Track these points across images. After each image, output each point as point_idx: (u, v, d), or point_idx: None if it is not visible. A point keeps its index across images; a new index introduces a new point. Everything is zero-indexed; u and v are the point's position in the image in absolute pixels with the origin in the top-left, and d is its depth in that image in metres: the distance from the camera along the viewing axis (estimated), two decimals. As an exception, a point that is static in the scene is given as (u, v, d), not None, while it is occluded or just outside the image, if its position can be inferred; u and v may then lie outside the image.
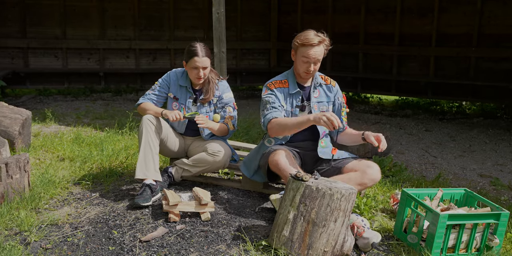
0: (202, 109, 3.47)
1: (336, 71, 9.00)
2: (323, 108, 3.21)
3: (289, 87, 3.17)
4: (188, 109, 3.47)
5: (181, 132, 3.57)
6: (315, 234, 2.46)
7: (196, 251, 2.58)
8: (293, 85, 3.17)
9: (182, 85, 3.47)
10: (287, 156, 2.97)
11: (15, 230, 2.79)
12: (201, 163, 3.36)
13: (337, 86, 3.31)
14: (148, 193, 3.12)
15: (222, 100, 3.47)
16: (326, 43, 3.07)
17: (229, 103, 3.49)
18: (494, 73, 7.57)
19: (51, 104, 7.77)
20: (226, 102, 3.48)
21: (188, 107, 3.47)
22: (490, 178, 4.61)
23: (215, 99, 3.48)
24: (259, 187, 3.43)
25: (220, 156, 3.31)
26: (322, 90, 3.24)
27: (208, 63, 3.34)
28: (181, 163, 3.47)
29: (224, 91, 3.50)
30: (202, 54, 3.29)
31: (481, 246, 2.69)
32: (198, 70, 3.31)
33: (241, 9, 9.54)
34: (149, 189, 3.14)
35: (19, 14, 8.54)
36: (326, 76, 3.31)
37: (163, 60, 9.42)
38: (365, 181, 2.95)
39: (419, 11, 8.16)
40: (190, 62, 3.32)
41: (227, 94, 3.50)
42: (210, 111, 3.49)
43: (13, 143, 4.23)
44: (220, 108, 3.48)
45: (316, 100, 3.20)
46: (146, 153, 3.23)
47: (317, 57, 3.04)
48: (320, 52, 3.05)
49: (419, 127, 6.86)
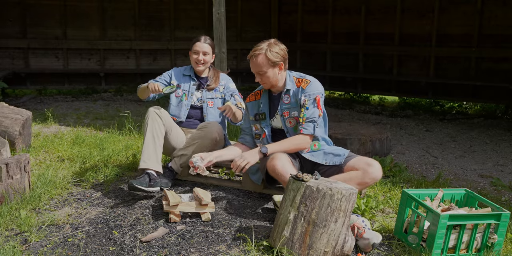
0: (208, 94, 3.68)
1: (336, 71, 8.99)
2: (294, 113, 3.12)
3: (260, 98, 3.26)
4: (191, 95, 3.67)
5: (182, 120, 3.68)
6: (315, 235, 2.46)
7: (196, 251, 2.57)
8: (264, 96, 3.25)
9: (185, 74, 3.73)
10: (285, 160, 2.95)
11: (16, 231, 2.79)
12: (194, 140, 3.41)
13: (309, 86, 3.07)
14: (146, 180, 3.17)
15: (229, 88, 3.74)
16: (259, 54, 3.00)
17: (235, 92, 3.73)
18: (494, 73, 7.56)
19: (51, 105, 7.77)
20: (233, 90, 3.74)
21: (192, 93, 3.68)
22: (490, 179, 4.61)
23: (221, 87, 3.73)
24: (259, 187, 3.43)
25: (209, 127, 3.39)
26: (292, 95, 3.12)
27: (209, 50, 3.63)
28: (176, 152, 3.50)
29: (229, 81, 3.79)
30: (204, 40, 3.63)
31: (481, 247, 2.69)
32: (198, 54, 3.59)
33: (242, 9, 9.54)
34: (147, 177, 3.18)
35: (19, 14, 8.55)
36: (303, 78, 3.13)
37: (164, 61, 9.43)
38: (366, 180, 2.92)
39: (419, 11, 8.16)
40: (194, 46, 3.62)
41: (231, 84, 3.79)
42: (215, 97, 3.71)
43: (13, 144, 4.23)
44: (229, 95, 3.71)
45: (286, 106, 3.14)
46: (149, 145, 3.30)
47: (257, 68, 3.04)
48: (258, 63, 3.01)
49: (419, 127, 6.85)
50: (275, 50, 3.01)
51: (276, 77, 3.08)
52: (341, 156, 3.08)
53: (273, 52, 3.00)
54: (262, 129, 3.23)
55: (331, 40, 9.06)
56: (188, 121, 3.68)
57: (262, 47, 3.02)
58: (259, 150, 3.02)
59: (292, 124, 3.15)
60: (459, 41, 7.80)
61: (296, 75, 3.18)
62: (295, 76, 3.17)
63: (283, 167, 2.89)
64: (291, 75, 3.17)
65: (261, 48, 3.01)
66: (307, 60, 9.46)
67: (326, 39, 9.11)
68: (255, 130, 3.27)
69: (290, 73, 3.18)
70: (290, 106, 3.13)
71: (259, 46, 3.03)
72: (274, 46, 3.02)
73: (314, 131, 3.06)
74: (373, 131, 5.01)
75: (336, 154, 3.11)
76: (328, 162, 3.09)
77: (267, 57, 3.00)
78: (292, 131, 3.15)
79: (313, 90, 3.07)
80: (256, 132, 3.27)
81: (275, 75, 3.07)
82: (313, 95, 3.06)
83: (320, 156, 3.13)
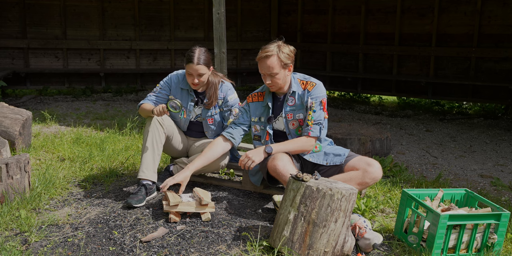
0: (207, 112, 3.49)
1: (336, 71, 8.99)
2: (299, 115, 3.13)
3: (263, 100, 3.21)
4: (189, 112, 3.48)
5: (183, 130, 3.59)
6: (315, 235, 2.46)
7: (196, 251, 2.57)
8: (268, 98, 3.20)
9: (183, 88, 3.47)
10: (286, 160, 2.95)
11: (16, 231, 2.79)
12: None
13: (315, 89, 3.09)
14: (143, 193, 3.13)
15: (228, 103, 3.49)
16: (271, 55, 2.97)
17: (234, 105, 3.51)
18: (494, 73, 7.56)
19: (51, 105, 7.77)
20: (231, 104, 3.50)
21: (190, 110, 3.47)
22: (490, 179, 4.61)
23: (220, 101, 3.49)
24: (259, 187, 3.43)
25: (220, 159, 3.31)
26: (297, 97, 3.13)
27: (204, 70, 3.29)
28: (181, 162, 3.48)
29: (228, 93, 3.49)
30: (197, 61, 3.24)
31: (481, 247, 2.69)
32: (192, 76, 3.29)
33: (241, 9, 9.53)
34: (144, 189, 3.16)
35: (19, 14, 8.54)
36: (308, 81, 3.14)
37: (164, 61, 9.42)
38: (366, 180, 2.93)
39: (419, 11, 8.16)
40: (187, 67, 3.30)
41: (232, 96, 3.50)
42: (216, 113, 3.51)
43: (13, 144, 4.23)
44: (226, 111, 3.50)
45: (290, 108, 3.14)
46: (148, 153, 3.25)
47: (268, 70, 3.00)
48: (269, 65, 2.98)
49: (419, 127, 6.85)
50: (286, 51, 3.02)
51: (285, 78, 3.08)
52: (341, 156, 3.09)
53: (285, 53, 3.00)
54: (263, 131, 3.22)
55: (331, 40, 9.05)
56: (189, 130, 3.60)
57: (272, 48, 2.99)
58: (264, 149, 3.02)
59: (294, 126, 3.15)
60: (459, 41, 7.80)
61: (300, 77, 3.18)
62: (299, 78, 3.17)
63: (284, 167, 2.89)
64: (295, 77, 3.17)
65: (272, 50, 2.98)
66: (307, 60, 9.46)
67: (326, 39, 9.11)
68: (254, 131, 3.27)
69: (294, 75, 3.18)
70: (295, 108, 3.13)
71: (269, 48, 3.00)
72: (284, 47, 3.03)
73: (320, 133, 3.08)
74: (373, 131, 5.01)
75: (336, 154, 3.11)
76: (328, 162, 3.10)
77: (279, 59, 2.98)
78: (294, 133, 3.15)
79: (319, 93, 3.09)
80: (256, 133, 3.26)
81: (284, 76, 3.06)
82: (319, 98, 3.08)
83: (321, 157, 3.13)
